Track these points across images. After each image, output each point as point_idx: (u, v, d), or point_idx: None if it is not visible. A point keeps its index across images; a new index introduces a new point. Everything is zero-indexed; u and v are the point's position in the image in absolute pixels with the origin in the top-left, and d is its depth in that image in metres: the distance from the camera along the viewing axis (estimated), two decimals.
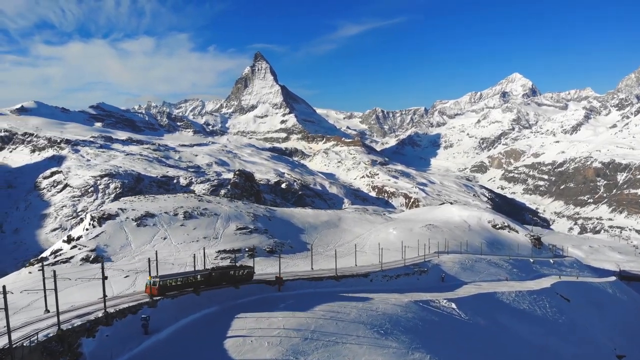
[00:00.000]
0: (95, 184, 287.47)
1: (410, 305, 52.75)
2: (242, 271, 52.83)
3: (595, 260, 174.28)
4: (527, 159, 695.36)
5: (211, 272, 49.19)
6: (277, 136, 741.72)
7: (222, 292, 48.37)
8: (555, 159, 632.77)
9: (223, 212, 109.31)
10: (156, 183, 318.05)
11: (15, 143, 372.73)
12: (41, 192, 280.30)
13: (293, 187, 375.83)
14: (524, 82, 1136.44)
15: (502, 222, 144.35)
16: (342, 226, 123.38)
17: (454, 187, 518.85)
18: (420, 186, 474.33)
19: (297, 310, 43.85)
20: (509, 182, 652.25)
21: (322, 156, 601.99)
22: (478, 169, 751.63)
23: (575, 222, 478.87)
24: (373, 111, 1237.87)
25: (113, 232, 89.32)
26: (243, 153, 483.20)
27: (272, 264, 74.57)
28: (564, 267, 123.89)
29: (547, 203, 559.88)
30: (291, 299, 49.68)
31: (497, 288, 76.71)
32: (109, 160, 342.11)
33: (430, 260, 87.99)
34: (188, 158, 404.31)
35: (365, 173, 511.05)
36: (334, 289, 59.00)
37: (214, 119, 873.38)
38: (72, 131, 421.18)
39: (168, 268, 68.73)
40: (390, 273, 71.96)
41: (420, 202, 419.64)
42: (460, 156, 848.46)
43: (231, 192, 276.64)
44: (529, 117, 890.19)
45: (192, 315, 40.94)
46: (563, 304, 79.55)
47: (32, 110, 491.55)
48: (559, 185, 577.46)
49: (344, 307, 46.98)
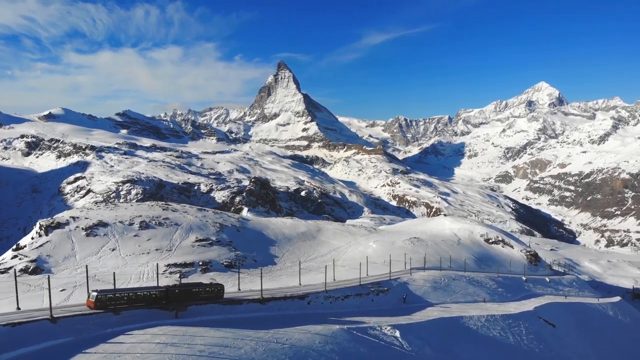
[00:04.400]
0: (117, 190, 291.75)
1: (338, 334, 43.88)
2: (210, 289, 49.47)
3: (612, 276, 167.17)
4: (553, 169, 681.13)
5: (167, 289, 45.75)
6: (298, 144, 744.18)
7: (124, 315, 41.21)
8: (582, 170, 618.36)
9: (186, 222, 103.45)
10: (177, 190, 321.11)
11: (41, 149, 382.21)
12: (65, 197, 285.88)
13: (312, 195, 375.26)
14: (551, 91, 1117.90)
15: (496, 236, 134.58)
16: (320, 238, 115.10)
17: (478, 197, 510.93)
18: (442, 196, 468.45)
19: (172, 344, 34.52)
20: (534, 193, 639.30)
21: (342, 164, 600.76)
22: (503, 179, 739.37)
23: (602, 235, 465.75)
24: (396, 119, 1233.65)
25: (59, 242, 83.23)
26: (264, 161, 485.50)
27: (226, 280, 68.09)
28: (562, 285, 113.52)
29: (573, 215, 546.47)
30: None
31: (468, 311, 66.82)
32: (132, 166, 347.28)
33: (398, 278, 78.38)
34: (210, 165, 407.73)
35: (386, 182, 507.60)
36: (254, 314, 50.26)
37: (237, 126, 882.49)
38: (98, 138, 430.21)
39: (108, 282, 61.00)
40: (336, 294, 62.60)
41: (442, 212, 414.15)
42: (484, 166, 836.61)
43: (246, 199, 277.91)
44: (555, 126, 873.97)
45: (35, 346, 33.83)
46: (545, 330, 69.84)
47: (59, 117, 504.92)
48: (585, 196, 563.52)
49: (239, 338, 37.81)
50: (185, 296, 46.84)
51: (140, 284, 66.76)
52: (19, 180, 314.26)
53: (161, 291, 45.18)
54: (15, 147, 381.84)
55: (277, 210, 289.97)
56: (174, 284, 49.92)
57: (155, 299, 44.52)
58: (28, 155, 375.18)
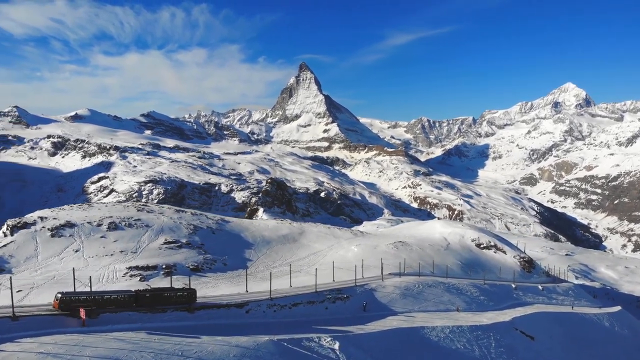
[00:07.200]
0: (139, 190, 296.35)
1: (262, 347, 39.06)
2: (182, 293, 48.13)
3: (629, 283, 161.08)
4: (579, 171, 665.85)
5: (137, 293, 44.77)
6: (319, 145, 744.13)
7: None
8: (609, 172, 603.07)
9: (158, 223, 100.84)
10: (198, 190, 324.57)
11: (67, 149, 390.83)
12: (88, 197, 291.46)
13: (332, 196, 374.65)
14: (578, 92, 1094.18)
15: (488, 241, 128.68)
16: (302, 241, 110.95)
17: (501, 199, 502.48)
18: (465, 198, 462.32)
19: (54, 354, 31.22)
20: (560, 196, 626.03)
21: (363, 165, 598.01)
22: (527, 182, 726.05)
23: (628, 239, 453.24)
24: (419, 120, 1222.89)
25: (23, 242, 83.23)
26: (284, 161, 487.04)
27: (192, 285, 62.13)
28: (556, 294, 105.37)
29: (599, 218, 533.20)
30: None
31: (433, 321, 61.16)
32: (155, 166, 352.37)
33: (366, 284, 72.25)
34: (231, 166, 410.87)
35: (407, 183, 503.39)
36: (178, 323, 45.05)
37: (258, 128, 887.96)
38: (123, 138, 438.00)
39: (68, 284, 58.37)
40: (283, 302, 56.76)
41: (465, 215, 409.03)
42: (509, 168, 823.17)
43: (262, 199, 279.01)
44: (582, 128, 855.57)
45: None
46: (520, 343, 63.15)
47: (85, 118, 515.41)
48: (612, 199, 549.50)
49: (137, 350, 33.58)
50: (155, 300, 45.66)
51: (98, 287, 65.46)
52: (44, 180, 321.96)
53: (130, 295, 44.36)
54: (42, 147, 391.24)
55: (292, 212, 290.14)
56: (144, 288, 48.45)
57: (124, 302, 43.55)
58: (54, 155, 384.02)
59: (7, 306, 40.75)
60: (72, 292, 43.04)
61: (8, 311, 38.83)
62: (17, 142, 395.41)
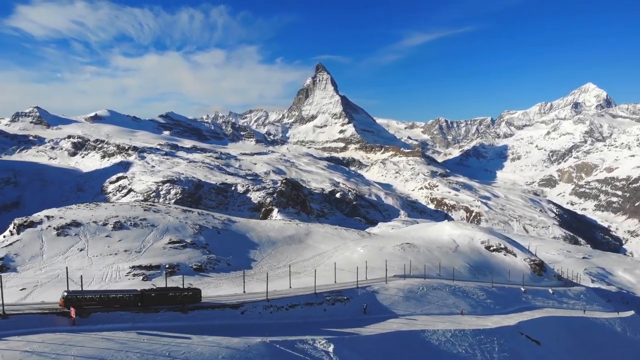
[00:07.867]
0: (157, 190, 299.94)
1: (253, 348, 38.07)
2: (187, 293, 47.92)
3: None
4: (599, 173, 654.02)
5: (143, 292, 44.97)
6: (335, 146, 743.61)
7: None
8: (630, 174, 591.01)
9: (163, 223, 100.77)
10: (215, 190, 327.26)
11: (87, 149, 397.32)
12: (107, 196, 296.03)
13: (347, 197, 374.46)
14: (598, 92, 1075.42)
15: (498, 243, 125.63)
16: (307, 242, 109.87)
17: (520, 201, 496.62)
18: (482, 199, 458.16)
19: (39, 353, 30.87)
20: (580, 198, 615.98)
21: (379, 166, 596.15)
22: (547, 183, 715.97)
23: None
24: (436, 121, 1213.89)
25: (29, 241, 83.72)
26: (300, 162, 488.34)
27: (191, 284, 64.72)
28: (567, 298, 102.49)
29: (620, 221, 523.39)
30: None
31: (434, 324, 60.00)
32: (173, 167, 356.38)
33: (368, 286, 71.07)
34: (247, 166, 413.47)
35: (424, 184, 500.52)
36: (171, 324, 44.36)
37: (275, 128, 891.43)
38: (141, 139, 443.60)
39: (71, 283, 57.40)
40: (280, 303, 55.81)
41: (482, 217, 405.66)
42: (528, 169, 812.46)
43: (277, 200, 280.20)
44: (602, 129, 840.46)
45: None
46: (525, 348, 61.51)
47: (105, 119, 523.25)
48: (633, 202, 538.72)
49: (123, 350, 33.19)
50: (161, 300, 45.76)
51: (101, 285, 65.93)
52: (64, 180, 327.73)
53: (136, 294, 44.47)
54: (62, 147, 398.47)
55: (307, 212, 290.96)
56: (150, 287, 48.44)
57: (130, 301, 43.69)
58: (74, 155, 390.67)
59: (8, 304, 40.76)
60: (78, 290, 43.53)
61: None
62: (38, 142, 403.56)
